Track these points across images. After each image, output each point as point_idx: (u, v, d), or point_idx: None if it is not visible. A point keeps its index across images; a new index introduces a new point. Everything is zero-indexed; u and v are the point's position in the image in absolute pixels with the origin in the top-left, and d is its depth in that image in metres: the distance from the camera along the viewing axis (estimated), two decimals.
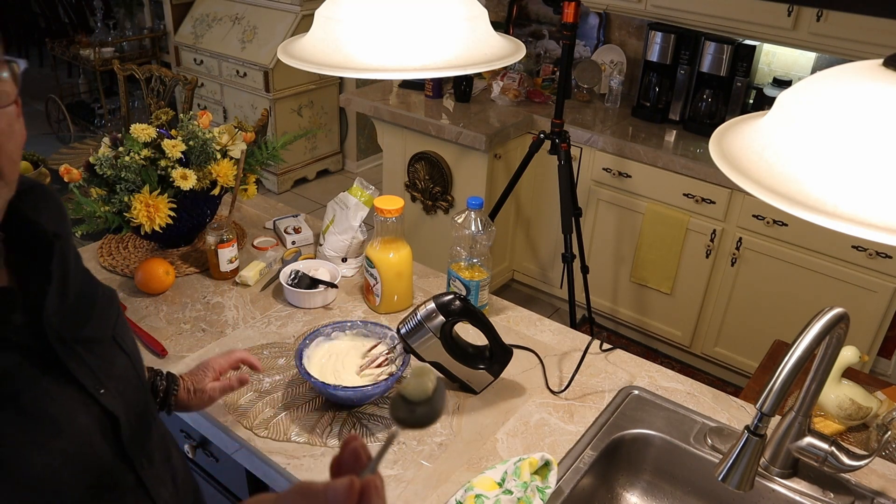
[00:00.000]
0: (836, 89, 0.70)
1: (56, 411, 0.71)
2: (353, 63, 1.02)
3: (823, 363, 1.08)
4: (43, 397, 0.70)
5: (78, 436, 0.73)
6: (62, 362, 0.73)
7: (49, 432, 0.70)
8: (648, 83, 2.93)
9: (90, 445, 0.74)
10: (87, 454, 0.74)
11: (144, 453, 0.82)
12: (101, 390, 0.76)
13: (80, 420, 0.73)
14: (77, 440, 0.72)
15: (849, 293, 2.43)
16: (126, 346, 0.85)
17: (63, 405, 0.72)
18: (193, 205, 1.63)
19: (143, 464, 0.81)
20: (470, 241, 1.50)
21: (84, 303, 0.80)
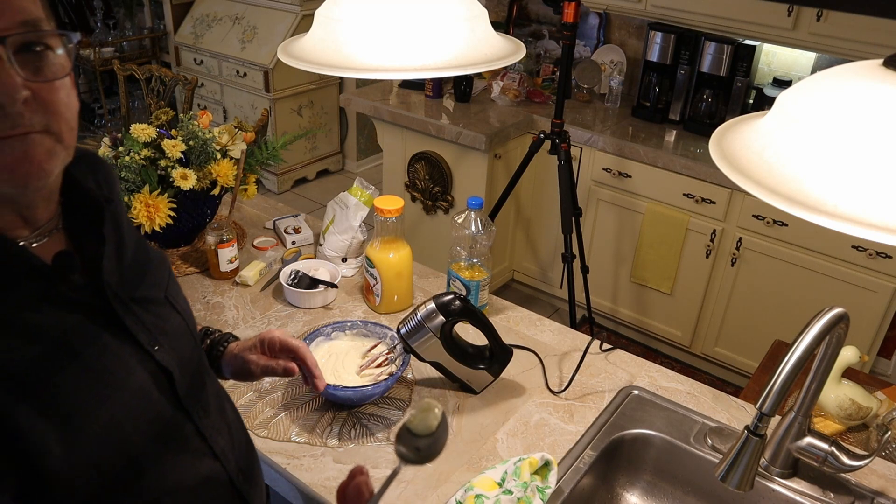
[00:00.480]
0: (836, 89, 0.70)
1: (116, 367, 0.75)
2: (354, 63, 1.02)
3: (823, 363, 1.08)
4: (104, 353, 0.74)
5: (137, 390, 0.76)
6: (120, 320, 0.77)
7: (111, 387, 0.73)
8: (648, 83, 2.93)
9: (149, 399, 0.78)
10: (147, 407, 0.77)
11: (200, 405, 0.85)
12: (156, 347, 0.80)
13: (138, 375, 0.77)
14: (137, 394, 0.76)
15: (849, 293, 2.43)
16: (178, 305, 0.89)
17: (122, 361, 0.76)
18: (193, 205, 1.63)
19: (200, 414, 0.85)
20: (470, 241, 1.50)
21: (138, 264, 0.84)
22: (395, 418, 1.25)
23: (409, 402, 1.29)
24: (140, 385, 0.77)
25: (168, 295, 0.87)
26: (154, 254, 0.90)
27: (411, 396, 1.31)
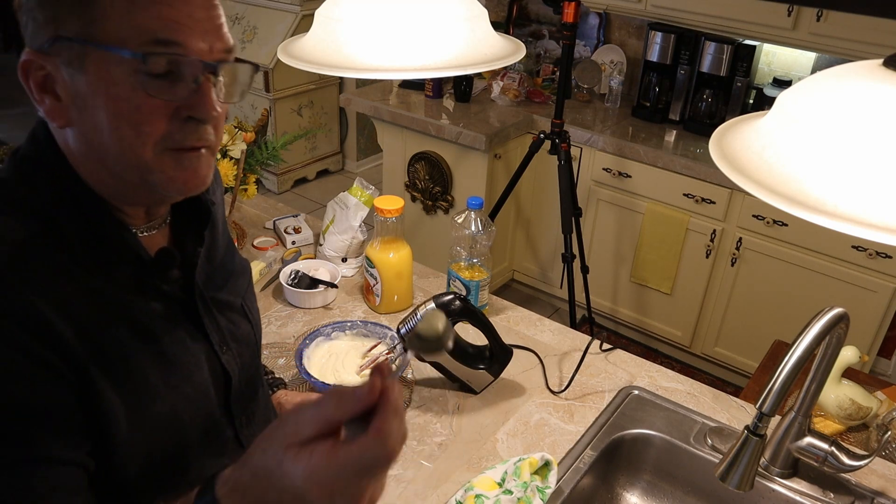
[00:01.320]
0: (836, 89, 0.70)
1: (187, 360, 0.79)
2: (354, 63, 1.02)
3: (823, 363, 1.08)
4: (179, 344, 0.78)
5: (200, 385, 0.81)
6: (199, 318, 0.81)
7: (179, 376, 0.78)
8: (648, 83, 2.93)
9: (207, 397, 0.82)
10: (204, 404, 0.82)
11: (245, 413, 0.89)
12: (224, 349, 0.85)
13: (204, 372, 0.81)
14: (199, 389, 0.80)
15: (849, 293, 2.43)
16: (251, 315, 0.93)
17: (193, 355, 0.80)
18: None
19: (243, 422, 0.88)
20: (470, 241, 1.50)
21: (224, 269, 0.89)
22: None
23: (409, 402, 1.29)
24: (203, 382, 0.81)
25: (245, 303, 0.92)
26: (240, 261, 0.95)
27: (411, 396, 1.31)
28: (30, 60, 0.67)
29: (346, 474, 0.55)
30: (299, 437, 0.56)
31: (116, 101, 0.66)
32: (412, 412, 1.27)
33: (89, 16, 0.64)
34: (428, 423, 1.25)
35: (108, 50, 0.65)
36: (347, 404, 0.57)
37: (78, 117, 0.69)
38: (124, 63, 0.65)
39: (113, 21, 0.64)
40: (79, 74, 0.66)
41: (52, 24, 0.66)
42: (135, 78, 0.66)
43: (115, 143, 0.68)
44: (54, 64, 0.67)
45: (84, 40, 0.65)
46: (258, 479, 0.57)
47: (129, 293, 0.74)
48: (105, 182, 0.72)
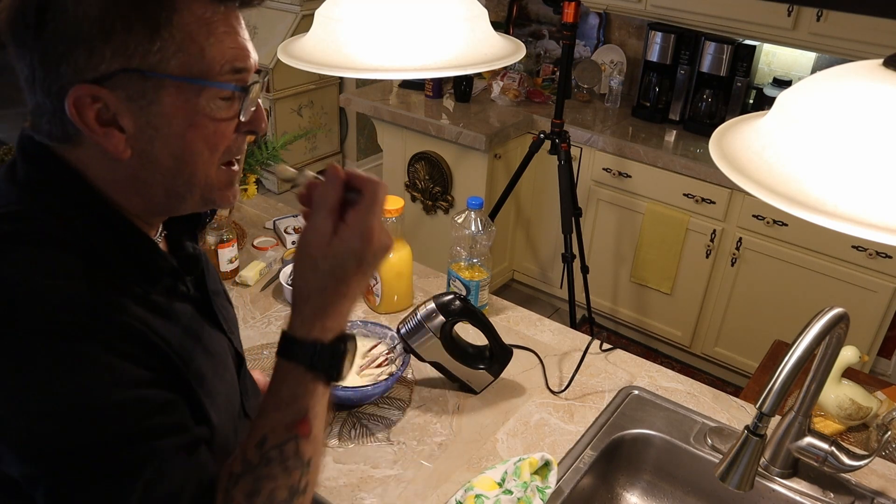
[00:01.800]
0: (836, 89, 0.70)
1: (220, 351, 0.84)
2: (354, 63, 1.02)
3: (823, 363, 1.08)
4: (212, 339, 0.82)
5: (230, 370, 0.87)
6: (214, 312, 0.86)
7: (222, 367, 0.83)
8: (648, 83, 2.93)
9: (235, 380, 0.88)
10: (235, 387, 0.87)
11: (247, 388, 0.94)
12: (231, 334, 0.90)
13: (230, 358, 0.87)
14: (231, 374, 0.87)
15: (849, 293, 2.43)
16: (229, 297, 0.98)
17: (222, 346, 0.85)
18: None
19: (248, 395, 0.93)
20: (470, 241, 1.50)
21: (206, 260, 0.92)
22: (395, 418, 1.25)
23: (409, 403, 1.29)
24: (231, 366, 0.87)
25: (224, 288, 0.96)
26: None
27: (411, 396, 1.31)
28: (85, 96, 0.66)
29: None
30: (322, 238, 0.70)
31: (198, 127, 0.70)
32: (412, 412, 1.27)
33: (165, 50, 0.66)
34: (428, 423, 1.25)
35: (192, 83, 0.68)
36: (330, 186, 0.71)
37: (145, 147, 0.69)
38: (204, 91, 0.68)
39: (191, 55, 0.67)
40: (151, 106, 0.67)
41: (117, 56, 0.65)
42: (214, 104, 0.70)
43: (189, 165, 0.71)
44: (115, 96, 0.66)
45: (160, 74, 0.66)
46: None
47: (172, 302, 0.77)
48: (134, 201, 0.73)
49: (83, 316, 0.64)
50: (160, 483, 0.64)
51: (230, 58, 0.70)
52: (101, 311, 0.66)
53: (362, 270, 0.72)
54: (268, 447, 0.70)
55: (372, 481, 1.12)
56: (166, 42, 0.66)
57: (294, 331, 0.72)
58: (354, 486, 1.11)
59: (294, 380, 0.71)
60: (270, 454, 0.70)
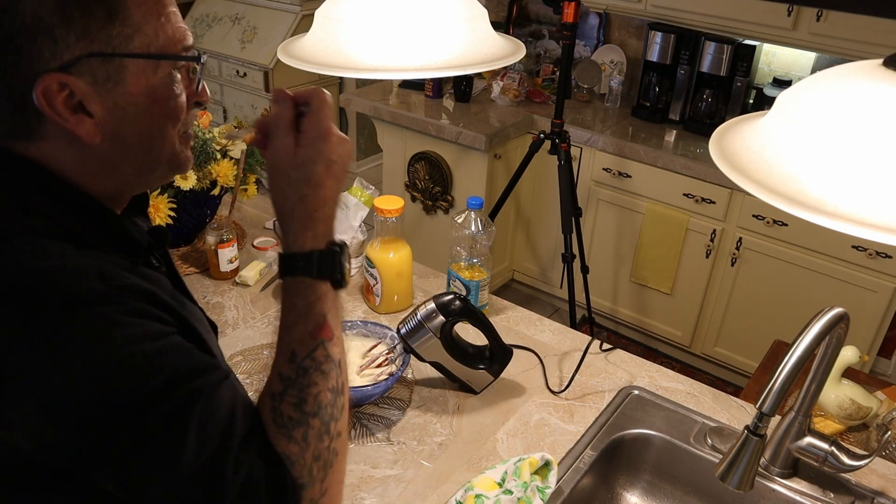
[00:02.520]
0: (836, 89, 0.70)
1: (203, 323, 0.83)
2: (354, 63, 1.02)
3: (823, 363, 1.08)
4: (193, 312, 0.82)
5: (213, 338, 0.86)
6: (182, 283, 0.87)
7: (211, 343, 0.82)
8: (648, 83, 2.93)
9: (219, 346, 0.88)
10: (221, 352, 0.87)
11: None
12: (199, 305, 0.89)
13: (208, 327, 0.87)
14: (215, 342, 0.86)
15: (849, 293, 2.43)
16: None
17: (202, 319, 0.85)
18: (193, 205, 1.62)
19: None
20: (470, 241, 1.50)
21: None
22: (395, 418, 1.25)
23: (409, 403, 1.29)
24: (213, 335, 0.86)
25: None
26: None
27: (411, 396, 1.31)
28: (53, 84, 0.66)
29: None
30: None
31: (160, 102, 0.73)
32: (412, 412, 1.27)
33: (123, 32, 0.68)
34: (428, 423, 1.25)
35: (154, 60, 0.71)
36: (282, 107, 0.77)
37: (115, 128, 0.71)
38: (161, 68, 0.72)
39: (147, 35, 0.70)
40: (117, 87, 0.70)
41: (79, 42, 0.66)
42: (170, 79, 0.73)
43: (157, 139, 0.75)
44: (81, 82, 0.68)
45: (123, 54, 0.69)
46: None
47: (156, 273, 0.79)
48: (106, 184, 0.75)
49: (96, 283, 0.65)
50: (212, 417, 0.67)
51: (180, 36, 0.73)
52: (110, 274, 0.67)
53: (332, 171, 0.78)
54: (300, 358, 0.75)
55: (372, 481, 1.12)
56: (124, 23, 0.68)
57: (290, 248, 0.78)
58: (354, 486, 1.11)
59: (304, 291, 0.78)
60: (305, 363, 0.75)
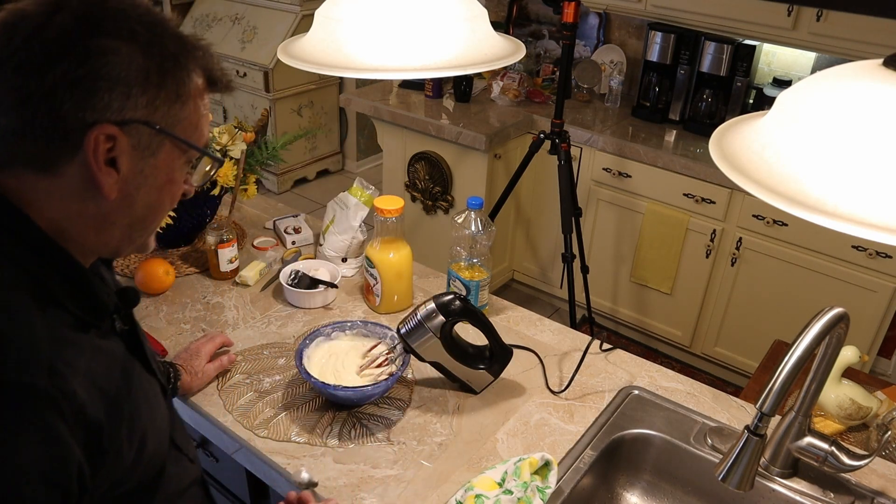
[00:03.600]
0: (837, 89, 0.70)
1: (150, 387, 0.85)
2: (354, 63, 1.02)
3: (823, 363, 1.08)
4: (141, 379, 0.83)
5: (161, 407, 0.88)
6: (141, 344, 0.87)
7: (153, 405, 0.84)
8: (648, 83, 2.93)
9: (166, 414, 0.89)
10: (166, 422, 0.89)
11: (173, 417, 0.95)
12: (153, 364, 0.89)
13: (157, 390, 0.88)
14: (161, 411, 0.87)
15: (849, 293, 2.43)
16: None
17: (150, 381, 0.86)
18: (193, 205, 1.63)
19: (176, 426, 0.94)
20: (470, 241, 1.50)
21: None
22: (395, 418, 1.25)
23: (409, 403, 1.29)
24: (162, 404, 0.88)
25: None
26: None
27: (411, 396, 1.31)
28: (106, 133, 0.69)
29: None
30: None
31: (172, 183, 0.79)
32: (412, 412, 1.27)
33: (178, 115, 0.75)
34: (428, 423, 1.25)
35: (191, 147, 0.77)
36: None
37: (131, 191, 0.75)
38: (184, 156, 0.78)
39: (190, 124, 0.77)
40: (150, 157, 0.74)
41: (146, 107, 0.71)
42: (184, 168, 0.80)
43: (155, 213, 0.80)
44: (126, 141, 0.71)
45: (169, 133, 0.75)
46: None
47: (110, 341, 0.79)
48: (89, 237, 0.76)
49: (42, 379, 0.66)
50: None
51: (206, 137, 0.81)
52: (59, 372, 0.67)
53: None
54: None
55: (372, 481, 1.12)
56: (182, 108, 0.75)
57: None
58: (354, 486, 1.11)
59: None
60: None
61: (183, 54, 0.74)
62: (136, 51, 0.70)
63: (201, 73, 0.77)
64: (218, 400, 1.27)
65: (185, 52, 0.74)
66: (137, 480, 0.80)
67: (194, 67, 0.75)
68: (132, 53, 0.69)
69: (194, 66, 0.75)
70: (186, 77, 0.74)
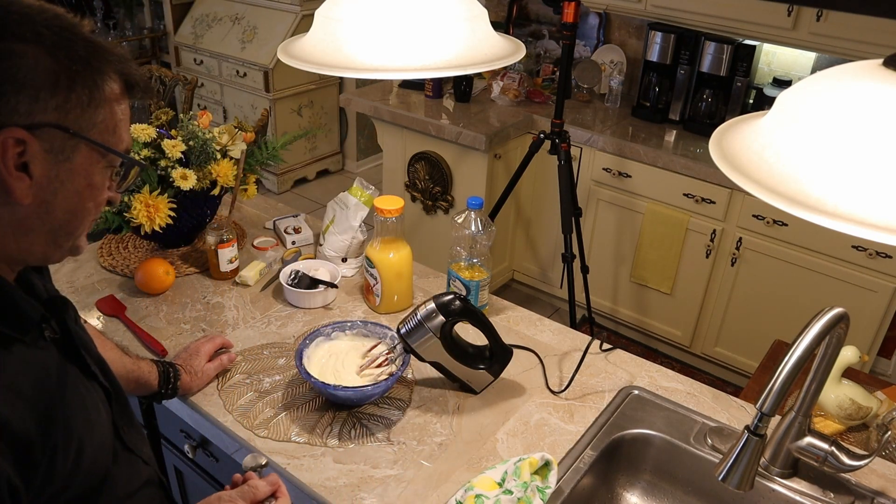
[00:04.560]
0: (836, 89, 0.70)
1: (87, 393, 0.84)
2: (354, 63, 1.02)
3: (823, 363, 1.08)
4: (77, 384, 0.82)
5: (101, 412, 0.86)
6: (77, 348, 0.85)
7: (92, 411, 0.83)
8: (648, 83, 2.93)
9: (108, 419, 0.88)
10: (107, 430, 0.87)
11: (124, 420, 0.94)
12: (94, 369, 0.88)
13: (97, 396, 0.87)
14: (102, 416, 0.86)
15: (849, 293, 2.43)
16: (79, 316, 0.95)
17: (87, 387, 0.84)
18: (193, 205, 1.63)
19: (125, 429, 0.93)
20: (470, 241, 1.50)
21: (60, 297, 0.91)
22: (395, 418, 1.25)
23: (409, 403, 1.29)
24: (102, 408, 0.87)
25: (74, 307, 0.93)
26: None
27: (411, 396, 1.31)
28: (15, 138, 0.68)
29: None
30: None
31: (93, 188, 0.78)
32: (412, 412, 1.27)
33: (93, 118, 0.74)
34: (428, 423, 1.25)
35: (108, 151, 0.76)
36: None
37: (47, 197, 0.74)
38: (103, 160, 0.77)
39: (106, 128, 0.76)
40: (64, 162, 0.73)
41: (56, 111, 0.70)
42: (105, 172, 0.79)
43: (77, 218, 0.78)
44: (38, 145, 0.70)
45: (85, 137, 0.73)
46: None
47: (40, 351, 0.78)
48: (9, 246, 0.75)
49: None
50: None
51: (127, 142, 0.80)
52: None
53: None
54: None
55: (372, 481, 1.12)
56: (96, 111, 0.74)
57: None
58: (354, 486, 1.11)
59: None
60: None
61: (95, 58, 0.73)
62: (42, 53, 0.68)
63: (117, 78, 0.76)
64: (218, 400, 1.27)
65: (97, 56, 0.73)
66: (79, 487, 0.79)
67: (108, 71, 0.74)
68: (38, 56, 0.68)
69: (108, 70, 0.74)
70: (100, 80, 0.73)
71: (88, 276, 1.61)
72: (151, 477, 0.98)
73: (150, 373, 1.20)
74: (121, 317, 1.47)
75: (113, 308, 1.50)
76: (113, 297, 1.53)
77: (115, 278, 1.61)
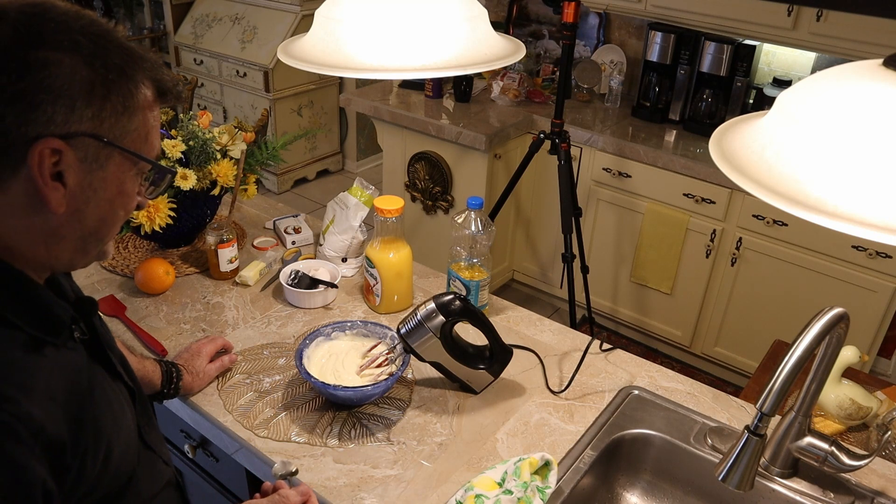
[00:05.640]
0: (836, 89, 0.70)
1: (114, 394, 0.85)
2: (353, 63, 1.02)
3: (823, 363, 1.08)
4: (104, 386, 0.83)
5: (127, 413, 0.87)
6: (104, 350, 0.86)
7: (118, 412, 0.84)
8: (648, 83, 2.93)
9: (133, 420, 0.89)
10: (133, 428, 0.88)
11: (145, 419, 0.94)
12: (119, 369, 0.89)
13: (123, 396, 0.88)
14: (128, 417, 0.87)
15: (849, 293, 2.43)
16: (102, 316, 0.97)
17: (113, 388, 0.85)
18: (193, 205, 1.63)
19: (146, 428, 0.94)
20: (470, 241, 1.50)
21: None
22: (395, 418, 1.25)
23: (409, 403, 1.29)
24: (127, 409, 0.87)
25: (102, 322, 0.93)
26: None
27: (411, 396, 1.31)
28: (51, 147, 0.68)
29: None
30: None
31: (124, 195, 0.78)
32: (412, 412, 1.27)
33: (127, 127, 0.74)
34: (428, 423, 1.25)
35: (141, 160, 0.77)
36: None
37: (80, 205, 0.74)
38: (134, 168, 0.78)
39: (139, 136, 0.76)
40: (98, 170, 0.74)
41: (91, 120, 0.71)
42: (136, 179, 0.79)
43: (108, 225, 0.79)
44: (72, 154, 0.70)
45: (118, 146, 0.74)
46: None
47: (70, 352, 0.78)
48: (39, 252, 0.75)
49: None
50: None
51: (158, 149, 0.81)
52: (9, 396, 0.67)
53: None
54: None
55: (372, 481, 1.12)
56: (129, 120, 0.74)
57: None
58: (354, 486, 1.11)
59: None
60: None
61: (129, 65, 0.73)
62: (79, 62, 0.68)
63: (150, 85, 0.76)
64: (218, 400, 1.27)
65: (131, 64, 0.73)
66: (106, 488, 0.80)
67: (142, 79, 0.75)
68: (75, 65, 0.68)
69: (142, 78, 0.75)
70: (134, 88, 0.74)
71: (88, 276, 1.61)
72: (171, 478, 0.99)
73: (153, 372, 1.21)
74: (121, 317, 1.47)
75: (113, 308, 1.50)
76: (113, 298, 1.53)
77: (115, 278, 1.61)
